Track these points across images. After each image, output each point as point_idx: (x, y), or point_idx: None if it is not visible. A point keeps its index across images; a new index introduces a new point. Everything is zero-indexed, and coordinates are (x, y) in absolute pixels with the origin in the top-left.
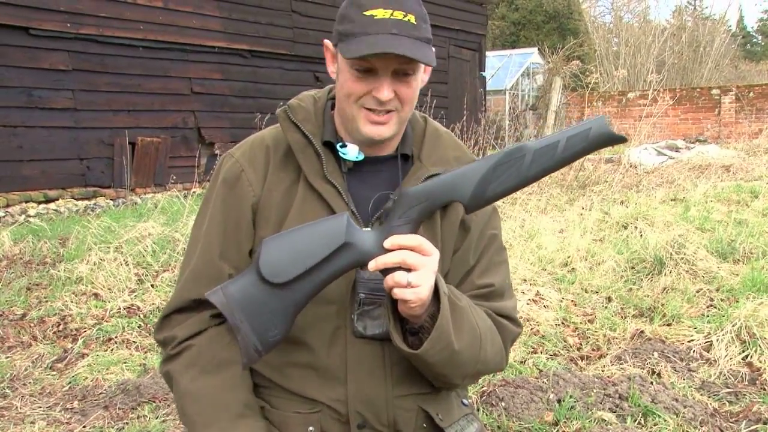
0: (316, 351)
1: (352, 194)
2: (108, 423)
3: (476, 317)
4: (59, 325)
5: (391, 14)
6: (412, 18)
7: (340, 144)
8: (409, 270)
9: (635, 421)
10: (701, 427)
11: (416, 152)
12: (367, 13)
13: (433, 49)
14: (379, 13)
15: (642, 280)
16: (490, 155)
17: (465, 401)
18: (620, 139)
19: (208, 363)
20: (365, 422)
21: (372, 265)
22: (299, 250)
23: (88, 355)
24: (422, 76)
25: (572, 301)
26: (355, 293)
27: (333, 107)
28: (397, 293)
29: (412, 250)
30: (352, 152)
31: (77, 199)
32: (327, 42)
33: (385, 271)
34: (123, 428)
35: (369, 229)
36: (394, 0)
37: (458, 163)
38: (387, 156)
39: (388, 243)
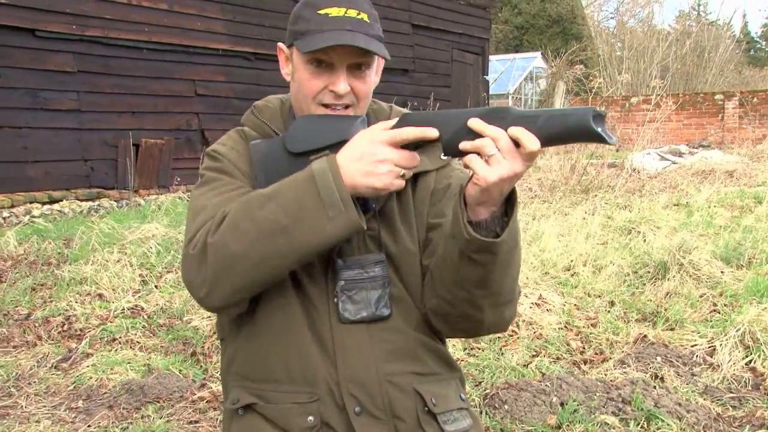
0: (304, 337)
1: None
2: (112, 423)
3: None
4: (64, 325)
5: (345, 12)
6: (365, 16)
7: None
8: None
9: (638, 425)
10: (704, 431)
11: None
12: (322, 11)
13: (385, 49)
14: (333, 12)
15: (645, 284)
16: (475, 108)
17: (463, 396)
18: (600, 139)
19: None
20: (362, 408)
21: (474, 123)
22: (315, 133)
23: (92, 355)
24: (374, 76)
25: (575, 305)
26: (336, 281)
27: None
28: (477, 166)
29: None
30: None
31: (81, 200)
32: (281, 45)
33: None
34: (127, 428)
35: None
36: (347, 0)
37: None
38: None
39: (475, 123)
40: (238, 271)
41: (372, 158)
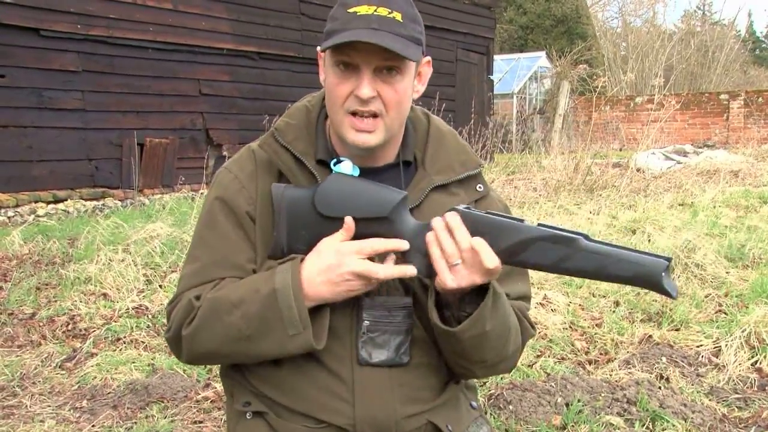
0: (323, 376)
1: None
2: (117, 422)
3: (509, 310)
4: (68, 324)
5: (375, 10)
6: (398, 15)
7: (334, 162)
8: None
9: (643, 425)
10: None
11: (419, 156)
12: (351, 10)
13: (420, 52)
14: (362, 10)
15: None
16: (541, 227)
17: (474, 404)
18: (665, 293)
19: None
20: None
21: (438, 223)
22: (350, 199)
23: (96, 355)
24: (415, 84)
25: (580, 305)
26: (360, 319)
27: (327, 116)
28: (440, 269)
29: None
30: (346, 170)
31: (86, 200)
32: (318, 49)
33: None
34: (131, 428)
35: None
36: None
37: (464, 168)
38: (387, 165)
39: (450, 220)
40: (211, 359)
41: (339, 269)
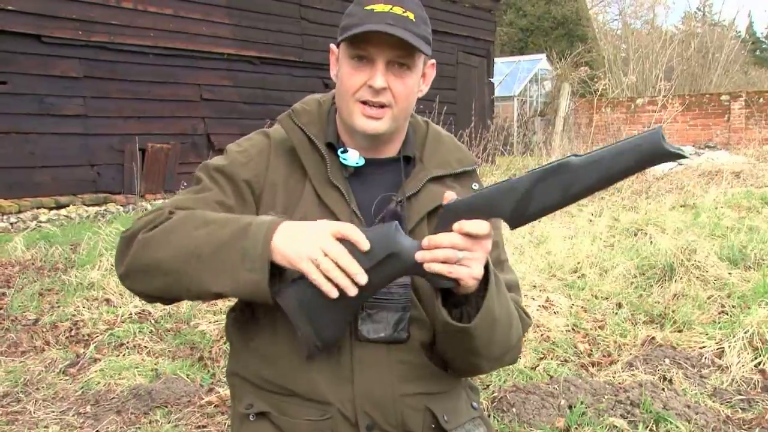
0: (323, 355)
1: (356, 197)
2: (120, 427)
3: (507, 294)
4: (71, 330)
5: (390, 9)
6: (410, 15)
7: (342, 150)
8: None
9: (647, 427)
10: None
11: (418, 155)
12: (368, 7)
13: (430, 51)
14: (378, 8)
15: (652, 286)
16: (532, 171)
17: (475, 404)
18: (677, 156)
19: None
20: (374, 423)
21: (421, 256)
22: (357, 255)
23: (100, 360)
24: (421, 83)
25: (582, 307)
26: None
27: (336, 112)
28: (461, 274)
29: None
30: (352, 157)
31: (88, 205)
32: (332, 45)
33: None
34: None
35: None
36: None
37: (460, 164)
38: (389, 158)
39: (425, 243)
40: (149, 275)
41: (311, 236)
